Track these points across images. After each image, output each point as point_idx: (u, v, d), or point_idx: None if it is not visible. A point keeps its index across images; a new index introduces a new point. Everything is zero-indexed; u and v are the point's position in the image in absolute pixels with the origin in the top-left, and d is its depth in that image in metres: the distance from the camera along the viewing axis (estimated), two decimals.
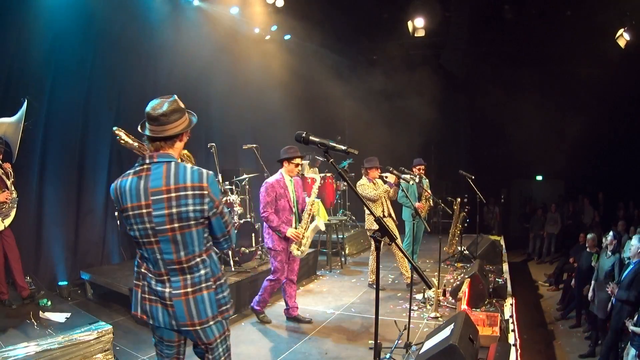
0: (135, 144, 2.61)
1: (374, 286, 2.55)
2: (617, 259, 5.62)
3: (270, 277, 4.55)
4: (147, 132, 2.12)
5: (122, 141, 2.50)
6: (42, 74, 5.24)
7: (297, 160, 4.42)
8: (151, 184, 2.02)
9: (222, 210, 2.14)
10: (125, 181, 2.08)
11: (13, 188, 4.32)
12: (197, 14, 7.29)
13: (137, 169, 2.09)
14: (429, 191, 6.40)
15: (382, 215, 5.70)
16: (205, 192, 2.05)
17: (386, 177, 5.48)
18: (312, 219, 4.49)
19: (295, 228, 4.41)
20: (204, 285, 2.10)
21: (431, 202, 6.53)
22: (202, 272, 2.10)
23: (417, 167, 6.48)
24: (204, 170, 2.10)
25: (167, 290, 2.08)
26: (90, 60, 5.80)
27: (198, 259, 2.10)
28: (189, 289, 2.07)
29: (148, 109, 2.10)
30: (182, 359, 2.32)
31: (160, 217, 2.02)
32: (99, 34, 5.80)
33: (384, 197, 5.71)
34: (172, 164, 2.07)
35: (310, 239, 4.42)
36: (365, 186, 5.70)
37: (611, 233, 5.89)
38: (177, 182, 2.02)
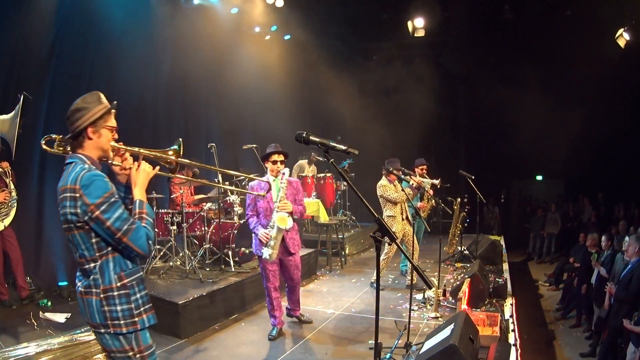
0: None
1: (375, 286, 2.55)
2: None
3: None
4: None
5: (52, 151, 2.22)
6: (42, 74, 5.25)
7: (274, 157, 4.17)
8: (59, 184, 2.07)
9: (98, 215, 1.96)
10: None
11: (12, 187, 4.31)
12: (198, 13, 7.30)
13: None
14: (431, 191, 6.41)
15: (402, 218, 5.67)
16: (77, 194, 1.96)
17: (409, 178, 5.55)
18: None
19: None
20: (93, 290, 2.06)
21: (433, 202, 6.54)
22: (92, 277, 2.06)
23: (420, 167, 6.47)
24: (84, 172, 1.99)
25: (79, 283, 2.13)
26: (90, 59, 5.80)
27: (91, 264, 2.05)
28: (83, 289, 2.09)
29: None
30: None
31: (60, 216, 2.07)
32: (99, 34, 5.81)
33: (404, 199, 5.68)
34: (72, 164, 2.05)
35: (277, 241, 4.08)
36: (386, 187, 5.60)
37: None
38: (64, 183, 2.01)
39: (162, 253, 5.67)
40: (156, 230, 5.65)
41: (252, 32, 8.41)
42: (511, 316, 4.43)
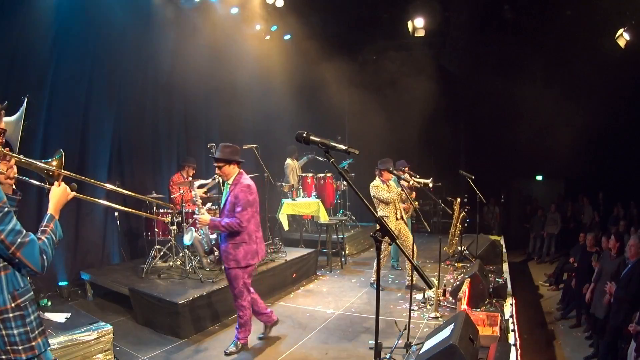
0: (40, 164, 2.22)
1: (375, 286, 2.55)
2: None
3: None
4: None
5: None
6: (42, 74, 5.24)
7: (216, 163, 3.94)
8: None
9: None
10: None
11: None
12: (198, 13, 7.30)
13: None
14: (413, 194, 6.45)
15: (395, 218, 5.67)
16: None
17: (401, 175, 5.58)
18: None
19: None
20: None
21: (417, 204, 6.55)
22: None
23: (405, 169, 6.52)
24: None
25: None
26: (90, 59, 5.81)
27: None
28: None
29: None
30: None
31: None
32: (99, 34, 5.81)
33: (397, 199, 5.69)
34: None
35: (196, 248, 4.24)
36: (379, 187, 5.63)
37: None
38: None
39: (162, 253, 5.67)
40: (156, 230, 5.68)
41: (252, 32, 8.40)
42: (511, 316, 4.43)
